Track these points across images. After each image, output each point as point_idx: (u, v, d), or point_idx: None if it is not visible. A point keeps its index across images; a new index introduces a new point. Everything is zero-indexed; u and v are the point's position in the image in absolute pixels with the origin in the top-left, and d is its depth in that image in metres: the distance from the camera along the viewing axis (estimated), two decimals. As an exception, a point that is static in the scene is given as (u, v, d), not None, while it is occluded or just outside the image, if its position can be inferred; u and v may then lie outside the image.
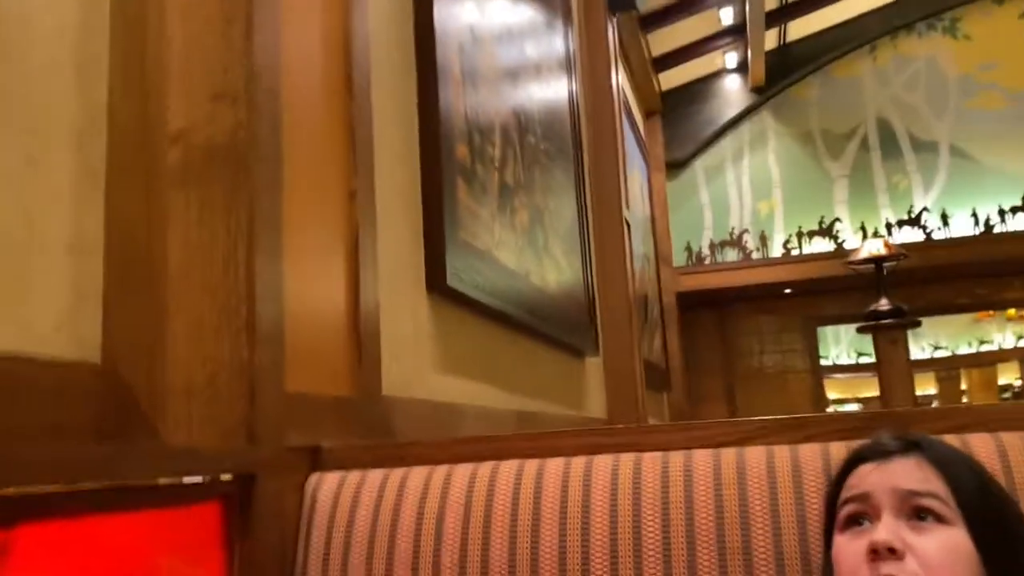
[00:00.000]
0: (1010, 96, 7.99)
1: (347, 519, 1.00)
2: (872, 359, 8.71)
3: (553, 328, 2.90)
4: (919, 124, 8.27)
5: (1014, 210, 7.83)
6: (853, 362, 8.89)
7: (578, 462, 0.98)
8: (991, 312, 8.49)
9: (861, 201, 8.35)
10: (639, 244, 6.17)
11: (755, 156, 8.68)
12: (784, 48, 8.40)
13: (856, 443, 0.90)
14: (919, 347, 9.00)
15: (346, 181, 1.25)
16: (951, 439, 0.87)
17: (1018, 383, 8.64)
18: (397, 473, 1.04)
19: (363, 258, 1.27)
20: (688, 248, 8.67)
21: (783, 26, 8.01)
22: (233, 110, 1.01)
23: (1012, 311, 8.46)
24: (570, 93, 3.70)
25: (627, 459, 0.96)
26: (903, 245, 6.19)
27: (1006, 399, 8.67)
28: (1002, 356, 8.60)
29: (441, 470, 1.02)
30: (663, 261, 8.37)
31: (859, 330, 5.43)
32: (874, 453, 0.74)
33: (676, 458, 0.95)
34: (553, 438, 1.01)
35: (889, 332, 5.03)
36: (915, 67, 8.32)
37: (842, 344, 8.95)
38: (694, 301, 8.43)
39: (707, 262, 8.58)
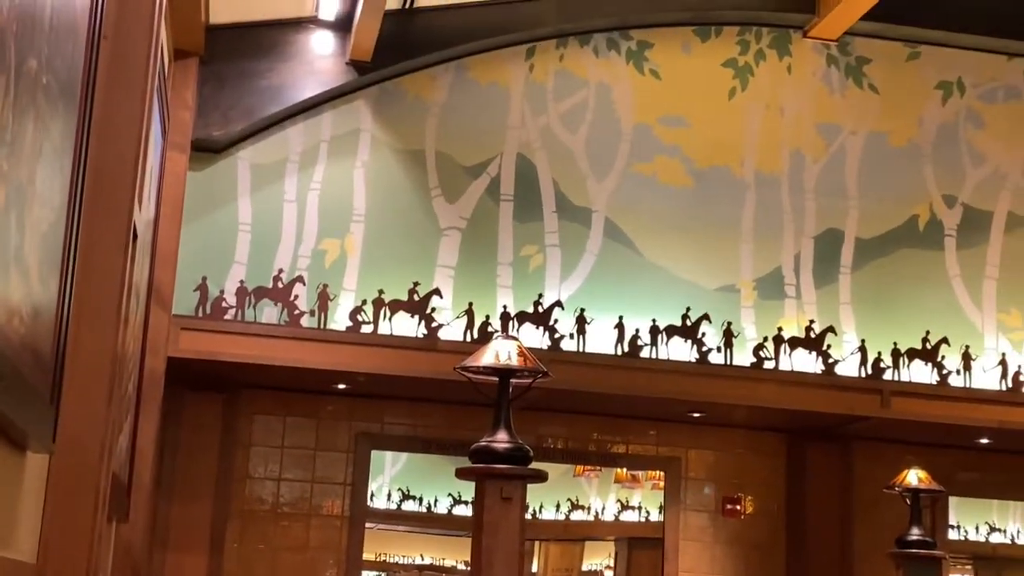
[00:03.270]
0: (694, 171, 6.22)
1: None
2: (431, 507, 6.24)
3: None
4: (571, 181, 6.28)
5: (670, 331, 5.77)
6: (414, 509, 6.35)
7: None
8: (596, 468, 6.42)
9: (475, 270, 6.16)
10: (140, 267, 3.94)
11: (337, 166, 6.17)
12: (410, 13, 6.04)
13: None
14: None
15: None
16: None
17: (609, 572, 6.49)
18: None
19: None
20: (203, 286, 5.89)
21: (416, -20, 5.66)
22: None
23: (622, 471, 6.44)
24: (93, 4, 2.35)
25: None
26: (535, 352, 3.98)
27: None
28: (594, 529, 6.56)
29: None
30: (158, 300, 5.28)
31: (459, 474, 4.16)
32: None
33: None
34: None
35: (504, 483, 3.79)
36: (582, 96, 6.37)
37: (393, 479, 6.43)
38: (194, 376, 5.84)
39: (229, 316, 5.92)
